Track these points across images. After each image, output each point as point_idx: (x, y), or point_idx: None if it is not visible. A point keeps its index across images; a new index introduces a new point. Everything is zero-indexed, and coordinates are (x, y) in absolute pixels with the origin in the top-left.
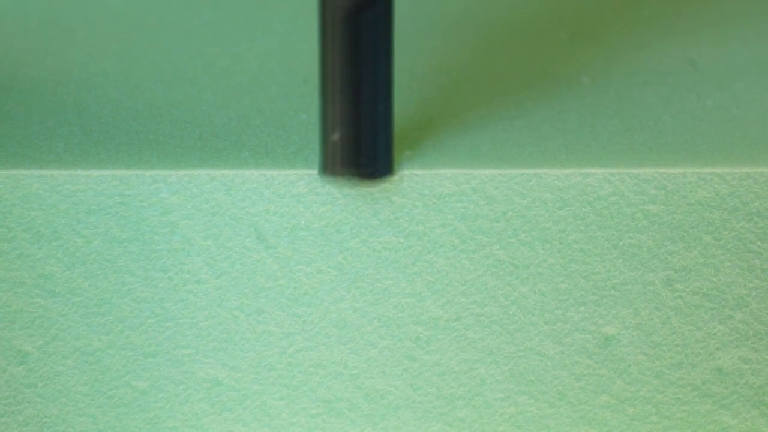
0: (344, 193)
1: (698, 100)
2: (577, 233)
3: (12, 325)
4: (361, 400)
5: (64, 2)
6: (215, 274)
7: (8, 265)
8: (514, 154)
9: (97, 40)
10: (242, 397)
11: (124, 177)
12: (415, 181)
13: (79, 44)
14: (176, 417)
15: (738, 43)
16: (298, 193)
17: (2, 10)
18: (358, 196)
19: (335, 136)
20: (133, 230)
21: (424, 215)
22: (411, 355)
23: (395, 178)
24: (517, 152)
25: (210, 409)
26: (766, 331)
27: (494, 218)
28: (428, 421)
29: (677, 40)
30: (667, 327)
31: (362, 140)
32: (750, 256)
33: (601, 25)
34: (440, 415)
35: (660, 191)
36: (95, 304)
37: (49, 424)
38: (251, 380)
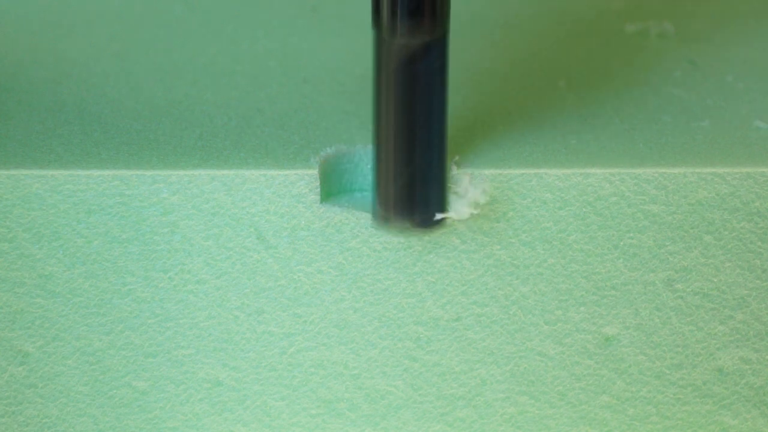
0: None
1: (698, 100)
2: (577, 233)
3: (12, 326)
4: (361, 400)
5: (64, 2)
6: (215, 274)
7: (8, 265)
8: (514, 154)
9: (97, 40)
10: (243, 397)
11: (124, 177)
12: None
13: (79, 44)
14: (177, 417)
15: (738, 43)
16: (298, 193)
17: (2, 10)
18: None
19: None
20: (133, 230)
21: None
22: (411, 355)
23: None
24: (517, 152)
25: (210, 409)
26: (767, 331)
27: (494, 218)
28: (429, 422)
29: (677, 39)
30: (667, 327)
31: (417, 191)
32: (751, 256)
33: (601, 25)
34: (441, 415)
35: (660, 191)
36: (95, 304)
37: (49, 425)
38: (252, 380)
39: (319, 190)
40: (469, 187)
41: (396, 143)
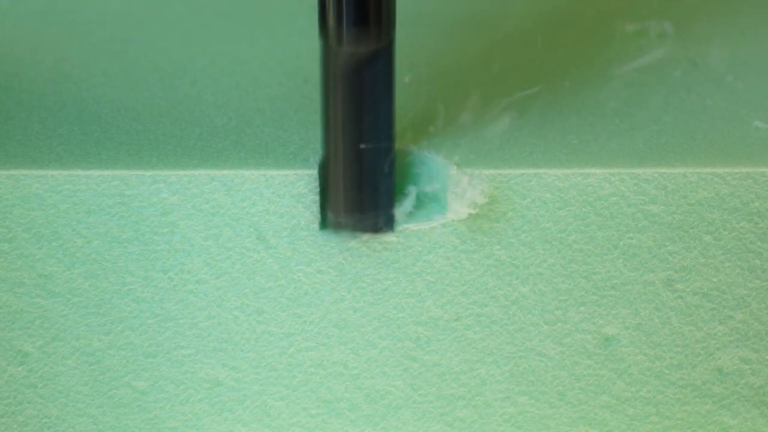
0: None
1: (698, 100)
2: (577, 233)
3: (12, 326)
4: (361, 400)
5: (64, 2)
6: (215, 274)
7: (8, 265)
8: (514, 154)
9: (97, 40)
10: (242, 397)
11: (124, 177)
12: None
13: (79, 44)
14: (176, 417)
15: (738, 43)
16: (298, 193)
17: (2, 10)
18: None
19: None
20: (133, 230)
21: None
22: (411, 355)
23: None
24: (517, 152)
25: (210, 409)
26: (767, 331)
27: (494, 218)
28: (428, 422)
29: (677, 39)
30: (667, 327)
31: (365, 196)
32: (750, 256)
33: (601, 25)
34: (440, 415)
35: (660, 191)
36: (95, 304)
37: (49, 425)
38: (251, 380)
39: (318, 189)
40: (467, 188)
41: (344, 150)
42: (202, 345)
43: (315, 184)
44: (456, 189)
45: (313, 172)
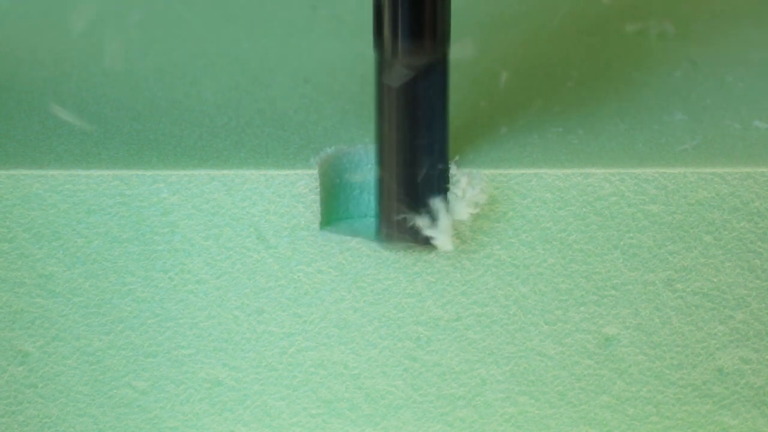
0: None
1: (698, 100)
2: (577, 233)
3: (12, 325)
4: (361, 400)
5: (64, 2)
6: (215, 274)
7: (8, 265)
8: (514, 154)
9: (97, 40)
10: (243, 397)
11: (124, 177)
12: None
13: (79, 44)
14: (177, 417)
15: (738, 43)
16: (298, 193)
17: (2, 10)
18: None
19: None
20: (133, 230)
21: None
22: (411, 355)
23: None
24: (517, 152)
25: (210, 409)
26: (767, 331)
27: (494, 218)
28: (429, 422)
29: (677, 39)
30: (667, 327)
31: (420, 211)
32: (750, 256)
33: (601, 25)
34: (441, 415)
35: (660, 191)
36: (95, 304)
37: (49, 425)
38: (252, 380)
39: (318, 189)
40: (467, 187)
41: (399, 163)
42: (202, 345)
43: (315, 184)
44: (456, 189)
45: (314, 172)
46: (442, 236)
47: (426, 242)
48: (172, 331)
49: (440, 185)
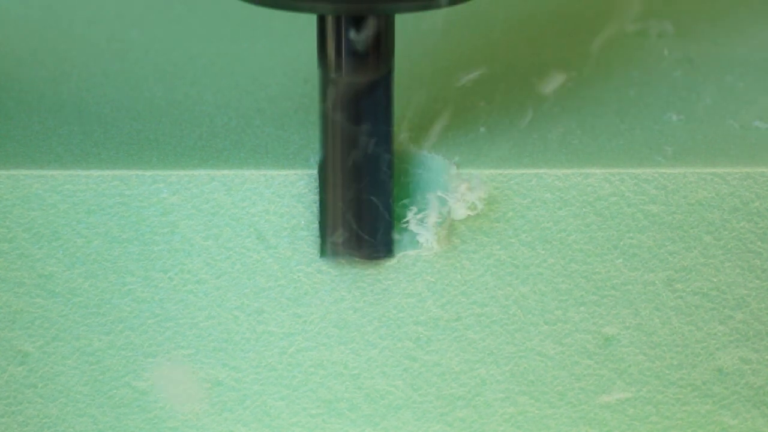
0: None
1: (698, 100)
2: (577, 233)
3: (12, 325)
4: (361, 400)
5: (64, 2)
6: (215, 274)
7: (8, 265)
8: (514, 154)
9: (97, 40)
10: (242, 397)
11: (124, 177)
12: None
13: (79, 44)
14: (176, 417)
15: (738, 43)
16: (298, 193)
17: (2, 10)
18: None
19: (338, 238)
20: (133, 230)
21: None
22: (411, 355)
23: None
24: (517, 152)
25: (210, 409)
26: (767, 331)
27: (494, 218)
28: (428, 422)
29: (677, 39)
30: (667, 327)
31: (364, 224)
32: (750, 256)
33: (601, 25)
34: (440, 415)
35: (660, 191)
36: (95, 304)
37: (49, 425)
38: (251, 380)
39: (317, 190)
40: (466, 187)
41: (343, 177)
42: (202, 345)
43: (315, 184)
44: (455, 189)
45: (313, 172)
46: (428, 235)
47: (370, 257)
48: (172, 331)
49: (385, 200)
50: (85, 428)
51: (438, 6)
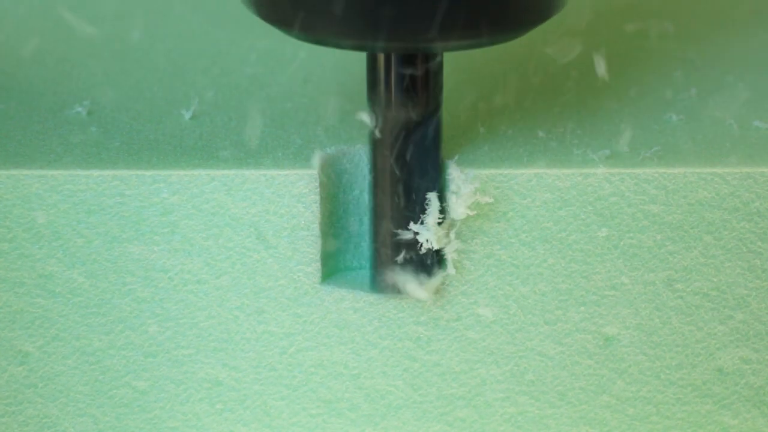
0: None
1: (698, 100)
2: (577, 233)
3: (12, 325)
4: (361, 400)
5: (64, 2)
6: (215, 274)
7: (8, 265)
8: (514, 154)
9: (97, 40)
10: (243, 397)
11: (124, 177)
12: None
13: (79, 44)
14: (176, 417)
15: (738, 43)
16: (298, 193)
17: (2, 10)
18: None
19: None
20: (133, 230)
21: None
22: (411, 355)
23: None
24: (517, 152)
25: (210, 409)
26: (767, 331)
27: (494, 218)
28: (428, 422)
29: (677, 39)
30: (667, 327)
31: (415, 255)
32: (750, 256)
33: (601, 25)
34: (441, 415)
35: (660, 191)
36: (95, 304)
37: (49, 424)
38: (252, 380)
39: (318, 190)
40: (465, 187)
41: (393, 212)
42: (202, 345)
43: (315, 184)
44: (454, 189)
45: (313, 172)
46: (429, 235)
47: (414, 293)
48: (172, 331)
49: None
50: (85, 428)
51: (484, 45)
